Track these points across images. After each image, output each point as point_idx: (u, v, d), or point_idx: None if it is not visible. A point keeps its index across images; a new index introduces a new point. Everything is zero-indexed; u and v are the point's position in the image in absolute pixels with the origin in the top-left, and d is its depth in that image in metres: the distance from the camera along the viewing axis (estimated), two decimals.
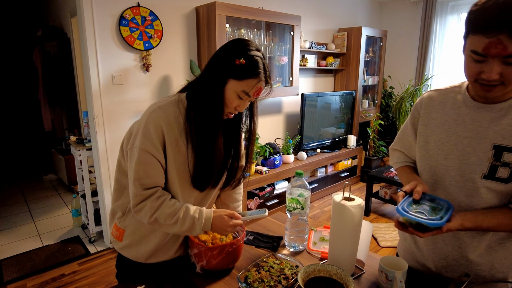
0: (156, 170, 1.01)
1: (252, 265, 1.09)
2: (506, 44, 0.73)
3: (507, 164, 0.88)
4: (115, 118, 2.64)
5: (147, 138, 0.99)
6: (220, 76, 1.01)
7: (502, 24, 0.72)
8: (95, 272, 2.48)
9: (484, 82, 0.82)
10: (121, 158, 1.11)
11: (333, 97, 4.08)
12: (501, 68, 0.77)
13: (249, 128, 1.18)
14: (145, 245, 1.13)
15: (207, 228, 1.04)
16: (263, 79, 1.02)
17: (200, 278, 1.10)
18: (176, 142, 1.02)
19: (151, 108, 1.03)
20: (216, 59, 1.03)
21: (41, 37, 4.26)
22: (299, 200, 1.22)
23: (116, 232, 1.16)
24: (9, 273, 2.45)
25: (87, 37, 2.41)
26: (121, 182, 1.14)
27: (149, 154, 0.99)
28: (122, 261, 1.18)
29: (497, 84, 0.80)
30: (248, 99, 1.04)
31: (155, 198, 1.01)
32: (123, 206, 1.15)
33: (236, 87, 1.00)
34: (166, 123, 1.00)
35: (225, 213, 1.06)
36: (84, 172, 2.87)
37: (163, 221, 1.01)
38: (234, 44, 1.02)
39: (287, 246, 1.29)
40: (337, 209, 1.10)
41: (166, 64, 2.86)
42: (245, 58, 0.98)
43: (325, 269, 1.03)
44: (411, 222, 0.87)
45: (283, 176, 3.43)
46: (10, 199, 3.91)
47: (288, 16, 3.33)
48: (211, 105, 1.02)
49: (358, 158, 4.48)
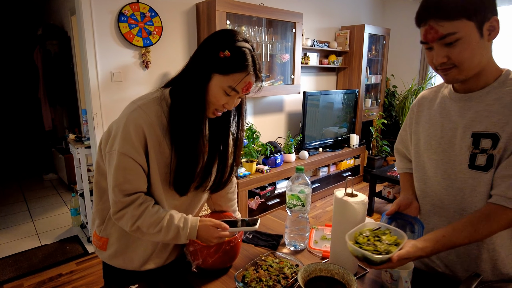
0: (137, 175, 0.93)
1: (250, 263, 1.05)
2: (436, 28, 0.80)
3: (484, 151, 0.88)
4: (114, 115, 2.60)
5: (126, 141, 0.90)
6: (203, 71, 0.91)
7: (428, 12, 0.81)
8: (92, 272, 2.44)
9: (439, 68, 0.86)
10: (100, 159, 1.03)
11: (335, 95, 4.03)
12: (445, 51, 0.83)
13: (236, 129, 1.08)
14: (132, 252, 1.05)
15: (193, 237, 0.98)
16: (251, 73, 0.92)
17: (196, 277, 1.05)
18: (159, 144, 0.94)
19: (131, 107, 0.94)
20: (199, 52, 0.95)
21: (41, 36, 4.25)
22: (300, 196, 1.17)
23: (98, 242, 1.08)
24: (6, 272, 2.42)
25: (86, 33, 2.37)
26: (100, 184, 1.06)
27: (129, 158, 0.91)
28: (110, 271, 1.10)
29: (450, 67, 0.85)
30: (237, 96, 0.95)
31: (136, 206, 0.93)
32: (102, 213, 1.07)
33: (221, 82, 0.91)
34: (147, 123, 0.91)
35: (212, 223, 0.99)
36: (83, 171, 2.83)
37: (146, 230, 0.95)
38: (219, 35, 0.93)
39: (287, 244, 1.25)
40: (339, 206, 1.05)
41: (165, 61, 2.82)
42: (230, 50, 0.89)
43: (327, 268, 0.98)
44: (357, 255, 0.84)
45: (285, 175, 3.38)
46: (10, 198, 3.89)
47: (290, 13, 3.29)
48: (193, 102, 0.93)
49: (360, 158, 4.43)
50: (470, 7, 0.78)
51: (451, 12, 0.78)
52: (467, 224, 0.84)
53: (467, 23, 0.78)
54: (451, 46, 0.81)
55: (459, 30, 0.79)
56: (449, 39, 0.80)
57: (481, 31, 0.80)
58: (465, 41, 0.80)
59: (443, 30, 0.80)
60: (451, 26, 0.79)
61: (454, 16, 0.78)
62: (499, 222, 0.82)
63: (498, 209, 0.83)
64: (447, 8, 0.78)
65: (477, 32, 0.80)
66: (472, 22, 0.79)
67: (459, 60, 0.82)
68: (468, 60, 0.82)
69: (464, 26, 0.79)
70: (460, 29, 0.79)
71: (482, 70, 0.87)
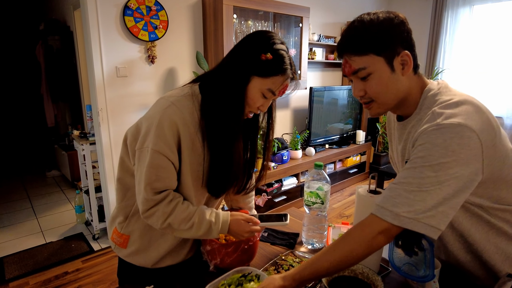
0: (169, 173, 0.92)
1: (270, 263, 1.01)
2: (350, 63, 0.82)
3: None
4: (119, 111, 2.56)
5: (160, 138, 0.88)
6: (242, 73, 0.90)
7: (343, 46, 0.83)
8: (99, 270, 2.40)
9: (361, 101, 0.88)
10: (125, 155, 1.01)
11: (341, 91, 3.98)
12: (362, 85, 0.84)
13: (267, 130, 1.08)
14: (154, 250, 1.03)
15: (224, 232, 0.97)
16: (290, 76, 0.94)
17: (213, 277, 1.01)
18: (192, 141, 0.93)
19: (164, 104, 0.91)
20: (237, 54, 0.93)
21: (43, 31, 4.19)
22: (319, 194, 1.13)
23: (119, 239, 1.05)
24: (11, 270, 2.39)
25: (91, 27, 2.32)
26: (124, 181, 1.03)
27: (162, 155, 0.88)
28: (126, 268, 1.07)
29: (369, 101, 0.86)
30: (272, 98, 0.95)
31: (167, 203, 0.92)
32: (126, 210, 1.04)
33: (261, 85, 0.91)
34: (181, 121, 0.90)
35: (243, 218, 0.99)
36: (88, 167, 2.79)
37: (177, 226, 0.93)
38: (258, 37, 0.92)
39: (304, 243, 1.21)
40: (362, 203, 1.01)
41: (171, 55, 2.78)
42: (271, 53, 0.89)
43: (350, 268, 0.94)
44: None
45: (291, 172, 3.34)
46: (13, 195, 3.85)
47: (297, 7, 3.24)
48: (231, 105, 0.92)
49: (366, 154, 4.39)
50: (378, 43, 0.79)
51: (360, 47, 0.80)
52: (338, 240, 0.81)
53: (376, 58, 0.80)
54: (365, 80, 0.82)
55: (369, 65, 0.80)
56: (361, 73, 0.82)
57: (391, 65, 0.81)
58: (376, 76, 0.81)
59: (355, 65, 0.82)
60: (361, 61, 0.80)
61: (363, 51, 0.80)
62: (371, 226, 0.78)
63: (370, 218, 0.80)
64: (356, 43, 0.80)
65: (388, 66, 0.80)
66: (381, 57, 0.80)
67: (374, 94, 0.83)
68: (382, 94, 0.83)
69: (373, 61, 0.80)
70: (369, 64, 0.80)
71: (403, 101, 0.87)
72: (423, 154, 0.76)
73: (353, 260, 0.78)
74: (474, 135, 0.73)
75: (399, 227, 0.75)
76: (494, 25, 3.91)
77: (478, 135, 0.73)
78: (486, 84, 4.06)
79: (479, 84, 4.10)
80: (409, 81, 0.85)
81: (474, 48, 4.10)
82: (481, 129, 0.74)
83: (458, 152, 0.72)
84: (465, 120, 0.74)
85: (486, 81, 4.06)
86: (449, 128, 0.74)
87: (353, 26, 0.82)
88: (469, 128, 0.73)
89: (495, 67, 3.96)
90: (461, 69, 4.26)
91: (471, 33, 4.09)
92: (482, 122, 0.75)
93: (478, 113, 0.77)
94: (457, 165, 0.72)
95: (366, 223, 0.80)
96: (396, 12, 0.83)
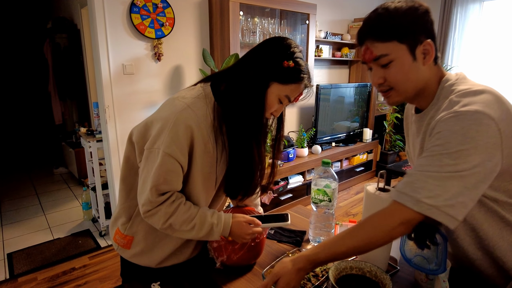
0: (177, 176, 0.91)
1: (277, 261, 1.00)
2: (371, 49, 0.82)
3: None
4: (126, 108, 2.57)
5: (174, 141, 0.87)
6: (263, 78, 0.91)
7: (365, 33, 0.83)
8: (105, 266, 2.42)
9: (379, 90, 0.88)
10: (130, 153, 0.99)
11: (347, 89, 3.95)
12: (381, 72, 0.83)
13: (277, 132, 1.08)
14: (159, 250, 1.02)
15: (226, 234, 0.96)
16: (307, 84, 0.95)
17: (220, 274, 1.01)
18: (205, 144, 0.92)
19: (180, 106, 0.90)
20: (257, 59, 0.92)
21: (51, 29, 4.22)
22: (327, 191, 1.12)
23: (122, 240, 1.03)
24: (20, 266, 2.41)
25: (98, 24, 2.33)
26: (128, 181, 1.01)
27: (173, 159, 0.88)
28: (130, 269, 1.06)
29: (387, 89, 0.85)
30: (287, 104, 0.97)
31: (169, 203, 0.91)
32: (129, 210, 1.03)
33: (279, 91, 0.91)
34: (196, 124, 0.89)
35: (245, 220, 0.98)
36: (95, 165, 2.81)
37: (179, 227, 0.92)
38: (279, 44, 0.92)
39: (311, 241, 1.20)
40: (371, 201, 1.00)
41: (178, 53, 2.77)
42: (293, 61, 0.90)
43: (358, 266, 0.93)
44: None
45: (297, 170, 3.33)
46: (21, 192, 3.89)
47: (304, 4, 3.21)
48: (252, 109, 0.92)
49: (373, 153, 4.35)
50: (402, 30, 0.79)
51: (384, 33, 0.80)
52: (364, 221, 0.81)
53: (399, 45, 0.79)
54: (386, 67, 0.82)
55: (391, 52, 0.80)
56: (383, 60, 0.81)
57: (413, 54, 0.80)
58: (397, 63, 0.81)
59: (376, 51, 0.81)
60: (384, 47, 0.80)
61: (387, 38, 0.80)
62: (393, 216, 0.76)
63: (392, 206, 0.78)
64: (380, 29, 0.80)
65: (410, 55, 0.80)
66: (404, 44, 0.79)
67: (394, 82, 0.83)
68: (402, 82, 0.83)
69: (396, 48, 0.80)
70: (392, 51, 0.80)
71: (422, 91, 0.86)
72: (440, 142, 0.74)
73: (371, 247, 0.78)
74: (493, 123, 0.71)
75: (421, 215, 0.73)
76: (505, 21, 3.85)
77: (497, 124, 0.71)
78: (496, 82, 4.00)
79: (488, 82, 4.04)
80: (429, 71, 0.84)
81: (484, 45, 4.04)
82: (500, 118, 0.72)
83: (477, 139, 0.70)
84: (483, 108, 0.72)
85: (496, 79, 4.00)
86: (467, 115, 0.72)
87: (377, 13, 0.82)
88: (488, 115, 0.71)
89: (505, 65, 3.89)
90: (470, 67, 4.20)
91: (481, 30, 4.03)
92: (502, 111, 0.74)
93: (497, 103, 0.75)
94: (476, 152, 0.70)
95: (388, 212, 0.78)
96: (420, 2, 0.82)
